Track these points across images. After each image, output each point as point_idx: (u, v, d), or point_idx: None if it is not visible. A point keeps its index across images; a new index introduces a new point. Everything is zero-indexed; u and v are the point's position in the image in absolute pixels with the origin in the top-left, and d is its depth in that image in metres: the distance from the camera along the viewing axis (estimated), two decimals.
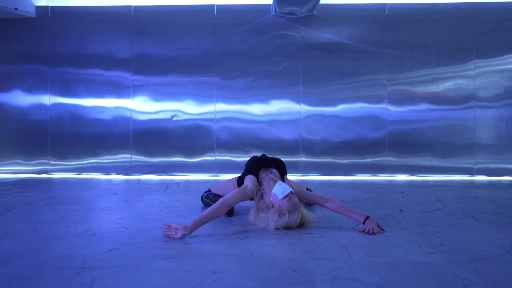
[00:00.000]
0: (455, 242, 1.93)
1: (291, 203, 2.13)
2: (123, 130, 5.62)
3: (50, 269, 1.49)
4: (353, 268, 1.51)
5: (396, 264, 1.57)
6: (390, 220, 2.48)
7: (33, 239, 1.95)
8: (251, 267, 1.52)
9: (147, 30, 5.63)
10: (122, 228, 2.21)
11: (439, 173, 5.52)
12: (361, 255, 1.68)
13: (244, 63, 5.61)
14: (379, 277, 1.41)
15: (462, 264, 1.57)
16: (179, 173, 5.63)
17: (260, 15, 5.58)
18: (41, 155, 5.63)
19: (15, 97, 5.61)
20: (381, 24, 5.56)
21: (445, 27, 5.52)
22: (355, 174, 5.58)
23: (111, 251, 1.74)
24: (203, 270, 1.48)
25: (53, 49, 5.60)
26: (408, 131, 5.54)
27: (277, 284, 1.33)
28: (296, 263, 1.57)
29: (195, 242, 1.91)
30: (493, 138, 5.48)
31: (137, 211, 2.80)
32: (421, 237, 2.02)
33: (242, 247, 1.82)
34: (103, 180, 5.09)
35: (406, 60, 5.55)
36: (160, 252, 1.73)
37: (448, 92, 5.51)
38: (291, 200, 2.14)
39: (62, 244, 1.87)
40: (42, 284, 1.34)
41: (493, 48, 5.47)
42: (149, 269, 1.50)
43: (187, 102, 5.63)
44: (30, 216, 2.57)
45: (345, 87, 5.56)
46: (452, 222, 2.40)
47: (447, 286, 1.33)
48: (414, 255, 1.70)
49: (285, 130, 5.60)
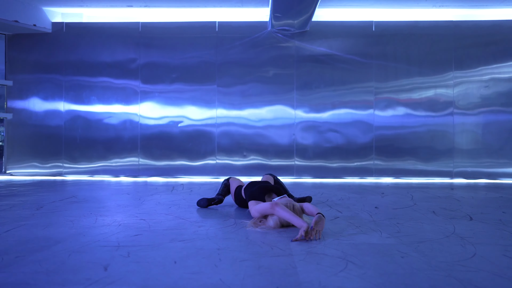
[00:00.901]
0: (410, 230, 2.41)
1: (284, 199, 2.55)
2: (131, 135, 6.11)
3: (95, 247, 1.97)
4: (323, 247, 2.00)
5: (357, 244, 2.05)
6: (364, 214, 2.97)
7: (72, 227, 2.44)
8: (246, 246, 2.00)
9: (154, 44, 6.13)
10: (141, 220, 2.69)
11: (421, 176, 6.02)
12: (332, 239, 2.17)
13: (243, 73, 6.11)
14: (341, 252, 1.90)
15: (407, 244, 2.05)
16: (183, 175, 6.11)
17: (257, 30, 6.08)
18: (56, 159, 6.11)
19: (32, 104, 6.09)
20: (368, 39, 6.06)
21: (426, 42, 6.03)
22: (344, 177, 6.08)
23: (136, 236, 2.23)
24: (210, 248, 1.97)
25: (67, 61, 6.10)
26: (393, 136, 6.04)
27: (266, 256, 1.82)
28: (281, 244, 2.05)
29: (202, 230, 2.39)
30: (470, 143, 5.98)
31: (150, 207, 3.28)
32: (384, 227, 2.50)
33: (240, 233, 2.30)
34: (113, 182, 5.57)
35: (391, 70, 6.05)
36: (175, 237, 2.21)
37: (429, 100, 6.01)
38: (284, 198, 2.58)
39: (96, 231, 2.35)
40: (94, 255, 1.82)
41: (470, 61, 5.98)
42: (169, 247, 1.98)
43: (190, 109, 6.12)
44: (62, 211, 3.06)
45: (335, 95, 6.05)
46: (414, 216, 2.89)
47: (390, 257, 1.81)
48: (374, 239, 2.19)
49: (280, 135, 6.09)
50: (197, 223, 2.59)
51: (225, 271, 1.62)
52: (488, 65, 5.97)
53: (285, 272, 1.61)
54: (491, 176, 5.95)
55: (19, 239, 2.14)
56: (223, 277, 1.54)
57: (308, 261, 1.75)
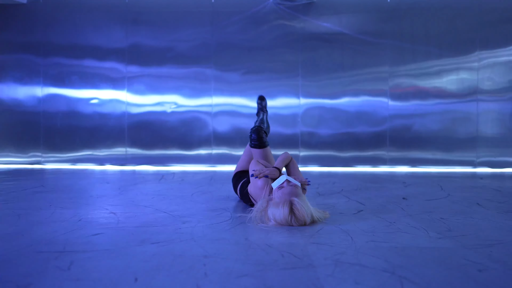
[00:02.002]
0: (464, 228, 1.81)
1: (283, 192, 1.88)
2: (117, 122, 5.49)
3: (27, 252, 1.37)
4: (356, 253, 1.40)
5: (402, 249, 1.45)
6: (392, 206, 2.36)
7: (14, 224, 1.83)
8: (245, 252, 1.40)
9: (143, 19, 5.48)
10: (111, 214, 2.09)
11: (440, 165, 5.41)
12: (364, 240, 1.56)
13: (242, 54, 5.48)
14: (385, 262, 1.29)
15: (473, 249, 1.45)
16: (175, 164, 5.51)
17: (258, 2, 5.44)
18: (34, 147, 5.50)
19: (7, 88, 5.46)
20: (382, 13, 5.42)
21: (447, 17, 5.38)
22: (355, 165, 5.47)
23: (95, 236, 1.63)
24: (193, 254, 1.37)
25: (45, 38, 5.46)
26: (410, 124, 5.42)
27: (274, 269, 1.22)
28: (295, 248, 1.45)
29: (187, 227, 1.79)
30: (496, 131, 5.36)
31: (129, 198, 2.68)
32: (427, 223, 1.90)
33: (237, 232, 1.70)
34: (97, 170, 4.96)
35: (407, 52, 5.41)
36: (148, 237, 1.61)
37: (451, 84, 5.38)
38: (283, 189, 1.90)
39: (44, 229, 1.75)
40: (17, 267, 1.22)
41: (497, 38, 5.34)
42: (135, 253, 1.38)
43: (183, 93, 5.49)
44: (16, 202, 2.45)
45: (345, 80, 5.42)
46: (458, 209, 2.29)
47: (460, 271, 1.21)
48: (421, 240, 1.59)
49: (284, 123, 5.47)
50: (181, 218, 1.99)
51: None
52: None
53: None
54: None
55: None
56: None
57: (340, 277, 1.15)
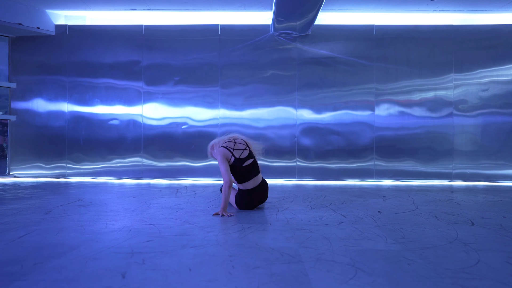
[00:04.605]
0: (414, 236, 2.48)
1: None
2: (134, 136, 6.15)
3: (109, 253, 2.03)
4: (332, 253, 2.06)
5: (364, 251, 2.12)
6: (368, 219, 3.03)
7: (84, 233, 2.49)
8: (256, 252, 2.06)
9: (157, 46, 6.17)
10: (151, 225, 2.75)
11: (421, 178, 6.09)
12: (339, 245, 2.23)
13: (245, 75, 6.17)
14: (350, 259, 1.96)
15: (412, 250, 2.12)
16: (185, 177, 6.17)
17: (259, 34, 6.13)
18: (59, 160, 6.15)
19: (36, 106, 6.13)
20: (369, 42, 6.13)
21: (426, 46, 6.10)
22: (345, 179, 6.14)
23: (148, 242, 2.28)
24: (222, 255, 2.03)
25: (70, 62, 6.14)
26: (394, 137, 6.11)
27: (276, 263, 1.88)
28: (290, 250, 2.11)
29: (212, 236, 2.45)
30: (469, 145, 6.06)
31: (158, 211, 3.33)
32: (389, 232, 2.57)
33: (248, 239, 2.36)
34: (116, 184, 5.61)
35: (392, 72, 6.12)
36: (186, 243, 2.27)
37: (429, 102, 6.09)
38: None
39: (108, 236, 2.40)
40: (110, 262, 1.87)
41: (469, 64, 6.06)
42: (182, 254, 2.04)
43: (193, 111, 6.17)
44: (71, 215, 3.11)
45: (337, 96, 6.12)
46: (417, 221, 2.96)
47: (396, 264, 1.88)
48: (379, 245, 2.25)
49: (281, 136, 6.15)
50: (205, 229, 2.65)
51: (239, 278, 1.68)
52: (487, 68, 6.05)
53: (297, 279, 1.67)
54: (489, 178, 6.04)
55: (34, 245, 2.19)
56: (239, 285, 1.60)
57: (319, 268, 1.81)
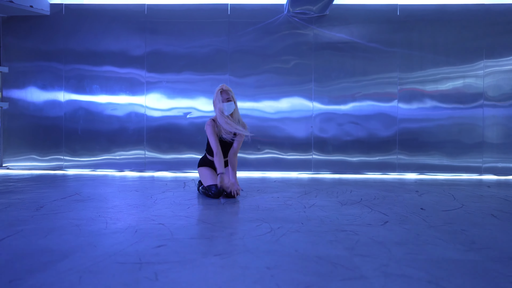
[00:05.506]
0: (485, 240, 2.01)
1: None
2: (136, 127, 5.68)
3: (111, 263, 1.56)
4: (398, 264, 1.60)
5: (437, 261, 1.65)
6: (414, 218, 2.57)
7: (80, 235, 2.03)
8: (300, 263, 1.60)
9: (161, 29, 5.68)
10: (160, 225, 2.29)
11: (447, 172, 5.63)
12: (400, 252, 1.76)
13: (257, 61, 5.68)
14: (426, 273, 1.49)
15: (497, 261, 1.65)
16: (191, 170, 5.70)
17: (272, 14, 5.64)
18: (55, 151, 5.69)
19: (30, 94, 5.65)
20: (392, 24, 5.63)
21: (454, 28, 5.60)
22: (365, 172, 5.68)
23: (160, 247, 1.82)
24: (256, 266, 1.56)
25: (67, 47, 5.65)
26: (418, 130, 5.64)
27: (334, 279, 1.42)
28: (342, 259, 1.65)
29: (237, 239, 1.99)
30: (501, 137, 5.59)
31: (166, 208, 2.87)
32: (451, 236, 2.10)
33: (284, 244, 1.90)
34: (117, 176, 5.15)
35: (416, 59, 5.63)
36: (207, 249, 1.80)
37: (458, 91, 5.61)
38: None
39: (109, 240, 1.94)
40: (112, 278, 1.41)
41: (501, 48, 5.57)
42: (205, 265, 1.57)
43: (200, 100, 5.69)
44: (65, 212, 2.64)
45: (356, 86, 5.64)
46: (475, 221, 2.49)
47: (494, 283, 1.41)
48: (451, 252, 1.79)
49: (297, 128, 5.68)
50: (225, 229, 2.19)
51: None
52: None
53: None
54: None
55: (15, 251, 1.73)
56: None
57: (392, 287, 1.35)
